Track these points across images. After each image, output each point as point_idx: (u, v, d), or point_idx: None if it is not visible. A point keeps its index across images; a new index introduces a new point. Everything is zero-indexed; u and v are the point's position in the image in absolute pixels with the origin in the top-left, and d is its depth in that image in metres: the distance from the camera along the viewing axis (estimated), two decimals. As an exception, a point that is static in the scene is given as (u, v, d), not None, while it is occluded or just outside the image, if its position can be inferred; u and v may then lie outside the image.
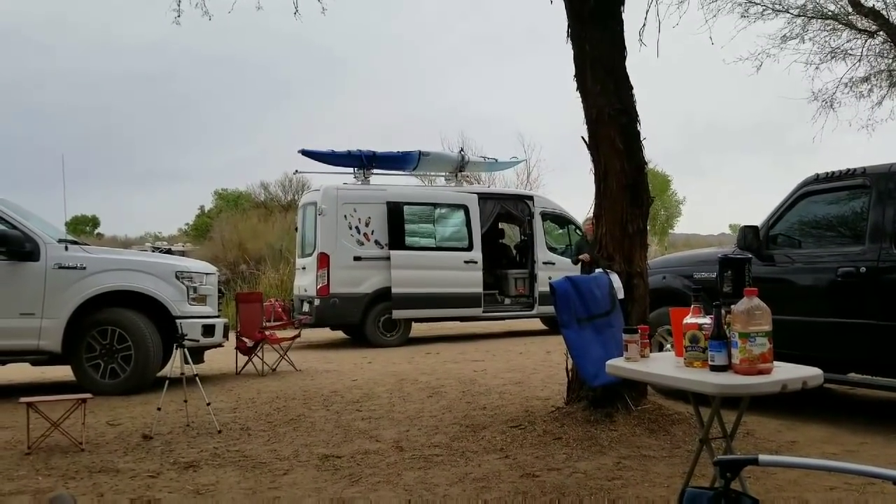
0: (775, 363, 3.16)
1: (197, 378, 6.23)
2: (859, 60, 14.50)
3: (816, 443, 5.16)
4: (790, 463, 2.01)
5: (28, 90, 64.32)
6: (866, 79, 14.76)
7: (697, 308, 3.38)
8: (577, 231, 13.97)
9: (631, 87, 5.85)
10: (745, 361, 3.06)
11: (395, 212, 12.43)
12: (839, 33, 14.41)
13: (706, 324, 3.26)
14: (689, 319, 3.35)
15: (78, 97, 69.42)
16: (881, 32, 13.94)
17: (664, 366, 3.62)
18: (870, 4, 13.62)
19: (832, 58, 14.45)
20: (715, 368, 3.16)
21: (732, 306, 3.16)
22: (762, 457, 1.86)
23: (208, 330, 8.33)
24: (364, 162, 13.08)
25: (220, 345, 8.84)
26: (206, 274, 8.69)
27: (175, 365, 6.36)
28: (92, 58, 71.90)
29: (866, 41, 14.27)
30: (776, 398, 3.48)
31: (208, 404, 6.15)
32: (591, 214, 6.17)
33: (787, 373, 3.17)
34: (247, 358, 9.47)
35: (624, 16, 5.89)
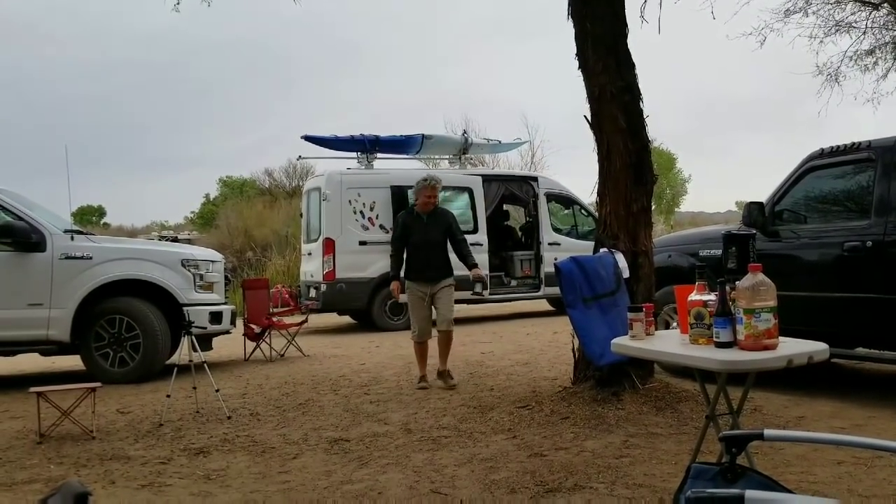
0: (781, 338, 3.16)
1: (205, 365, 6.27)
2: (864, 33, 14.35)
3: (824, 417, 5.17)
4: (795, 437, 2.01)
5: (36, 80, 64.42)
6: (871, 51, 14.62)
7: (702, 285, 3.38)
8: (583, 211, 13.94)
9: (633, 65, 5.81)
10: (750, 337, 3.06)
11: (399, 196, 12.39)
12: (843, 6, 14.25)
13: (711, 301, 3.26)
14: (693, 296, 3.35)
15: (85, 86, 69.54)
16: (885, 4, 13.79)
17: (669, 343, 3.63)
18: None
19: (836, 31, 14.29)
20: (720, 345, 3.16)
21: (737, 283, 3.15)
22: (767, 431, 1.86)
23: (216, 317, 8.36)
24: (367, 146, 13.04)
25: (227, 332, 8.88)
26: (213, 261, 8.72)
27: (183, 352, 6.39)
28: (100, 47, 71.90)
29: (870, 13, 14.11)
30: (783, 374, 3.48)
31: (217, 391, 6.18)
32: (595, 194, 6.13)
33: (793, 348, 3.17)
34: (255, 344, 9.51)
35: (625, -8, 5.84)
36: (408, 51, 69.65)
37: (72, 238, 7.92)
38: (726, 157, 77.65)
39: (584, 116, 5.95)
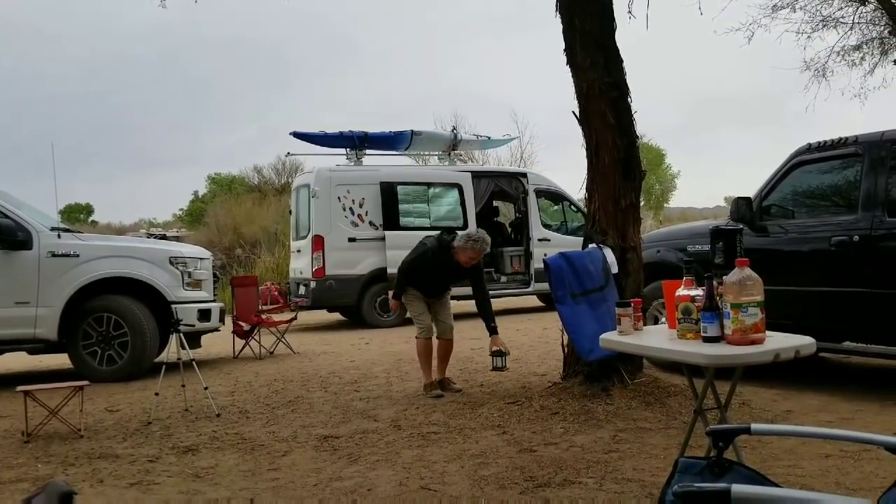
0: (768, 333, 3.17)
1: (194, 363, 6.24)
2: (850, 28, 14.41)
3: (812, 411, 5.20)
4: (782, 431, 2.01)
5: (31, 79, 63.98)
6: (858, 47, 14.68)
7: (689, 280, 3.38)
8: (572, 207, 13.96)
9: (621, 61, 5.82)
10: (738, 332, 3.07)
11: (388, 192, 12.38)
12: (830, 1, 14.32)
13: (698, 295, 3.27)
14: (681, 291, 3.36)
15: (77, 84, 69.12)
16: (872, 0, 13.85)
17: (657, 338, 3.64)
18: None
19: (823, 26, 14.35)
20: (707, 340, 3.18)
21: (724, 277, 3.16)
22: (754, 426, 1.87)
23: (204, 314, 8.33)
24: (356, 143, 13.01)
25: (216, 329, 8.85)
26: (201, 259, 8.68)
27: (172, 350, 6.37)
28: (96, 44, 71.39)
29: (857, 9, 14.17)
30: (771, 368, 3.51)
31: (206, 388, 6.16)
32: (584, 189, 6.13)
33: (780, 342, 3.18)
34: (244, 342, 9.48)
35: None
36: (403, 47, 69.52)
37: (59, 236, 7.86)
38: (715, 153, 77.88)
39: (573, 112, 5.96)
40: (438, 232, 6.58)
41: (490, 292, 6.64)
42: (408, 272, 6.45)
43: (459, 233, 6.45)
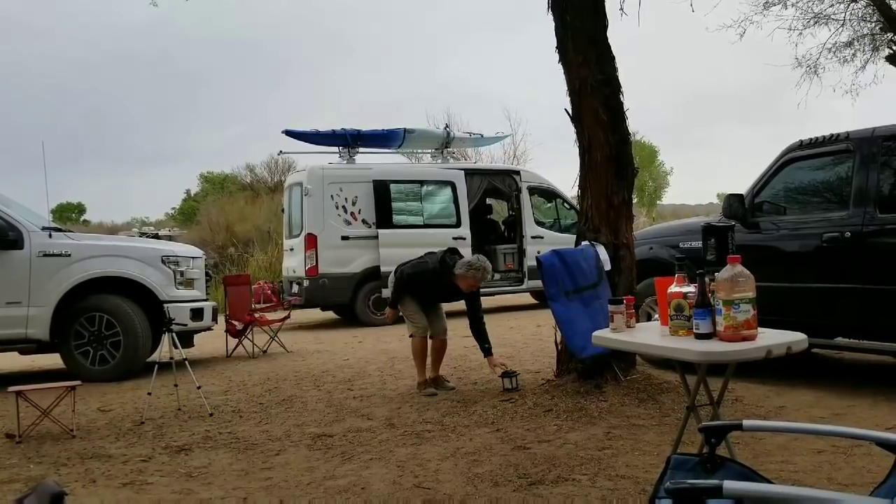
0: (760, 329, 3.18)
1: (187, 362, 6.22)
2: (842, 25, 14.43)
3: (804, 407, 5.21)
4: (774, 427, 2.03)
5: (21, 74, 63.69)
6: (849, 43, 14.71)
7: (682, 277, 3.39)
8: (565, 205, 13.97)
9: (613, 58, 5.83)
10: (730, 328, 3.08)
11: (381, 190, 12.37)
12: (821, -2, 14.34)
13: (691, 292, 3.28)
14: (673, 288, 3.37)
15: (68, 80, 68.85)
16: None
17: (650, 335, 3.64)
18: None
19: (815, 23, 14.37)
20: (700, 336, 3.18)
21: (716, 274, 3.17)
22: (746, 422, 1.88)
23: (197, 314, 8.30)
24: (349, 141, 12.98)
25: (209, 328, 8.83)
26: (193, 258, 8.65)
27: (164, 350, 6.35)
28: (87, 40, 71.14)
29: (849, 5, 14.19)
30: (764, 364, 3.51)
31: (199, 388, 6.14)
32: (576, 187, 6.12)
33: (772, 338, 3.19)
34: (237, 341, 9.46)
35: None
36: (396, 45, 69.52)
37: (50, 235, 7.83)
38: (708, 150, 78.14)
39: (565, 110, 5.97)
40: (443, 250, 6.44)
41: (482, 290, 6.61)
42: (407, 284, 6.37)
43: (461, 260, 6.30)
